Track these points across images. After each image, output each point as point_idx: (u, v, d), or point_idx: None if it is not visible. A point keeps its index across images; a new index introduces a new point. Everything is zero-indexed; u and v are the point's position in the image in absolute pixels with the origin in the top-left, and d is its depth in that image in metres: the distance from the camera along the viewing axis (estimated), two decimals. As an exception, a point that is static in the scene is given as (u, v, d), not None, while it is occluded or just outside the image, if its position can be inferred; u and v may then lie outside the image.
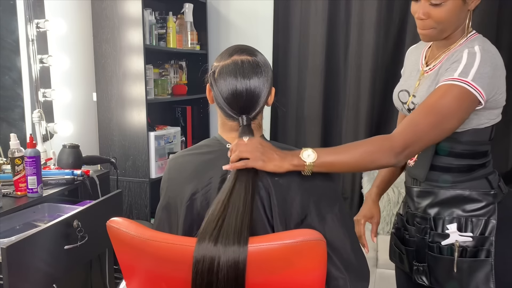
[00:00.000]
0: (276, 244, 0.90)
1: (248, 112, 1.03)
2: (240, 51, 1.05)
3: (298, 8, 2.90)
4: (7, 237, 1.39)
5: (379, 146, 1.07)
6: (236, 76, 1.01)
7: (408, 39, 2.73)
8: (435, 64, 1.23)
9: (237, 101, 1.02)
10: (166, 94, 2.81)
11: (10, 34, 2.08)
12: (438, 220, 1.24)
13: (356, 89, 2.85)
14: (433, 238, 1.24)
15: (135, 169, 2.54)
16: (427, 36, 1.19)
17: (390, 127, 2.89)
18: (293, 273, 0.94)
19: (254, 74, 1.02)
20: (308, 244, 0.91)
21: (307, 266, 0.93)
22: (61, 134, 2.32)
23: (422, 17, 1.15)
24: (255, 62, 1.03)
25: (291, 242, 0.91)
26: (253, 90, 1.01)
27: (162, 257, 0.96)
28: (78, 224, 1.47)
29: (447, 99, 1.08)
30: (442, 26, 1.15)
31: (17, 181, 1.65)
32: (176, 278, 0.98)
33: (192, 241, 0.93)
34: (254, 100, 1.02)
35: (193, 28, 2.93)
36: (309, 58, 2.90)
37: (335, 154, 1.05)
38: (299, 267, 0.93)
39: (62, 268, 1.46)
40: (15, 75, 2.11)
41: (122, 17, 2.43)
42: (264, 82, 1.03)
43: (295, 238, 0.91)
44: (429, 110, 1.09)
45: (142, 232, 0.97)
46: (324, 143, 2.96)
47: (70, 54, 2.39)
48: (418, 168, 1.28)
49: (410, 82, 1.32)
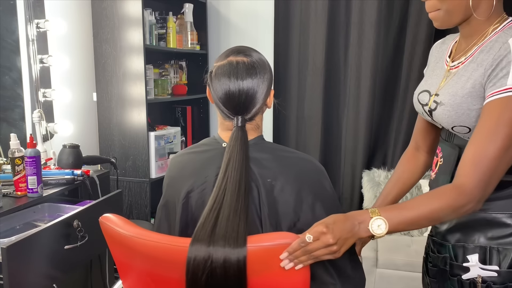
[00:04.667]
0: (255, 246, 0.89)
1: (243, 113, 1.03)
2: (237, 52, 1.05)
3: (298, 8, 2.90)
4: (7, 237, 1.39)
5: (453, 201, 0.92)
6: (229, 76, 1.01)
7: (408, 39, 2.73)
8: (466, 57, 1.04)
9: (231, 102, 1.02)
10: (166, 94, 2.81)
11: (10, 34, 2.08)
12: (458, 249, 1.05)
13: (356, 89, 2.85)
14: (453, 270, 1.05)
15: (135, 169, 2.54)
16: (436, 20, 1.05)
17: (390, 127, 2.89)
18: (272, 275, 0.93)
19: (248, 75, 1.02)
20: (283, 248, 0.89)
21: (282, 271, 0.91)
22: (61, 134, 2.32)
23: None
24: (250, 63, 1.03)
25: (268, 244, 0.90)
26: (246, 91, 1.02)
27: (150, 256, 0.97)
28: (78, 224, 1.47)
29: (508, 115, 0.90)
30: (447, 6, 1.00)
31: (17, 181, 1.65)
32: (166, 277, 0.98)
33: (179, 241, 0.93)
34: (248, 101, 1.02)
35: (193, 28, 2.93)
36: (309, 58, 2.90)
37: (406, 213, 0.93)
38: (278, 270, 0.91)
39: (62, 268, 1.46)
40: (15, 75, 2.11)
41: (122, 17, 2.43)
42: (259, 83, 1.03)
43: (273, 241, 0.90)
44: (493, 133, 0.91)
45: (129, 230, 0.98)
46: (324, 143, 2.96)
47: (70, 54, 2.39)
48: (438, 182, 1.10)
49: (432, 81, 1.15)
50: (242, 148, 1.00)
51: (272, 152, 1.05)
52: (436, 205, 0.93)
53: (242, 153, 0.99)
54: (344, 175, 2.96)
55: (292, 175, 1.01)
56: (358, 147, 2.90)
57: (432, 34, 2.67)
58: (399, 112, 2.83)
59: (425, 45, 2.67)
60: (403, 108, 2.81)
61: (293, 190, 1.00)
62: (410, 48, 2.73)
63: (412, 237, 2.59)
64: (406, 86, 2.78)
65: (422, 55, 2.69)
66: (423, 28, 2.66)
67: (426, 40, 2.67)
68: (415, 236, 2.60)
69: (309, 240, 0.87)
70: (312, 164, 1.07)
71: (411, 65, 2.74)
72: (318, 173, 1.06)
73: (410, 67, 2.74)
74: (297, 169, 1.03)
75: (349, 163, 2.94)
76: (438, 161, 1.13)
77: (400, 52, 2.78)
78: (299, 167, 1.04)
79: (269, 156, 1.04)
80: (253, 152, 1.03)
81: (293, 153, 1.08)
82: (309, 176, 1.04)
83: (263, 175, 1.00)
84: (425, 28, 2.66)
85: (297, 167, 1.04)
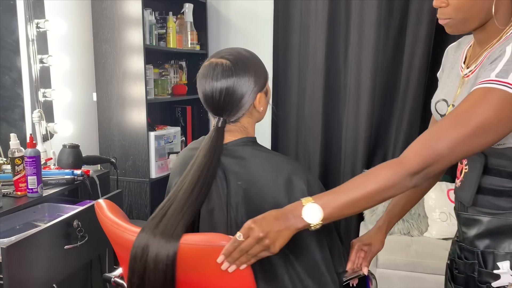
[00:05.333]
0: (188, 245, 0.91)
1: (223, 114, 1.04)
2: (220, 54, 1.06)
3: (298, 8, 2.90)
4: (7, 237, 1.39)
5: (390, 176, 0.89)
6: (206, 77, 1.03)
7: (408, 39, 2.73)
8: (476, 65, 1.00)
9: (208, 102, 1.05)
10: (166, 94, 2.81)
11: (10, 34, 2.08)
12: (488, 255, 1.01)
13: (356, 89, 2.85)
14: (482, 277, 1.01)
15: (135, 169, 2.54)
16: (449, 27, 0.99)
17: (390, 127, 2.89)
18: (207, 275, 0.94)
19: (223, 76, 1.02)
20: (218, 250, 0.89)
21: (220, 271, 0.90)
22: (61, 134, 2.32)
23: (439, 4, 0.96)
24: (227, 65, 1.03)
25: (201, 244, 0.91)
26: (219, 91, 1.02)
27: (117, 243, 1.04)
28: (78, 224, 1.47)
29: (482, 106, 0.86)
30: (463, 15, 0.95)
31: (17, 181, 1.65)
32: None
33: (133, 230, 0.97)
34: (225, 102, 1.02)
35: (193, 28, 2.93)
36: (309, 58, 2.90)
37: (341, 196, 0.90)
38: (212, 271, 0.92)
39: (62, 268, 1.46)
40: (15, 75, 2.11)
41: (122, 17, 2.43)
42: (238, 85, 1.02)
43: (206, 242, 0.91)
44: (459, 120, 0.87)
45: (107, 216, 1.04)
46: (325, 143, 2.96)
47: (70, 54, 2.39)
48: (464, 190, 1.06)
49: (448, 89, 1.09)
50: (210, 149, 1.01)
51: (248, 155, 1.04)
52: (373, 183, 0.89)
53: (209, 154, 1.01)
54: (344, 175, 2.96)
55: (263, 179, 1.00)
56: (358, 147, 2.90)
57: (432, 34, 2.67)
58: (399, 112, 2.83)
59: (425, 45, 2.67)
60: (403, 108, 2.81)
61: (261, 193, 0.99)
62: (410, 48, 2.73)
63: (412, 237, 2.59)
64: (406, 86, 2.78)
65: (422, 55, 2.69)
66: (423, 28, 2.66)
67: (426, 40, 2.67)
68: (415, 236, 2.60)
69: (239, 239, 0.86)
70: (287, 166, 1.02)
71: (411, 65, 2.74)
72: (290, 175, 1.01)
73: (410, 67, 2.74)
74: (268, 172, 1.02)
75: (349, 163, 2.94)
76: (463, 168, 1.08)
77: (400, 52, 2.78)
78: (270, 169, 1.02)
79: (244, 158, 1.03)
80: (231, 153, 1.04)
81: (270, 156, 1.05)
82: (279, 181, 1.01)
83: (235, 176, 1.01)
84: (425, 28, 2.66)
85: (269, 169, 1.02)
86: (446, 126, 0.88)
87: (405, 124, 2.80)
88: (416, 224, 2.62)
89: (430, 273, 2.31)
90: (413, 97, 2.76)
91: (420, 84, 2.74)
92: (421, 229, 2.61)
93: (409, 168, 0.88)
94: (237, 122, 1.07)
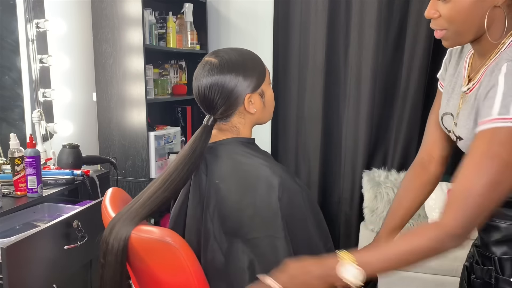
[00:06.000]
0: (139, 235, 0.95)
1: (211, 111, 1.07)
2: (215, 53, 1.08)
3: (298, 8, 2.90)
4: (7, 237, 1.39)
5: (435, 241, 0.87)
6: (196, 75, 1.08)
7: (408, 39, 2.73)
8: (474, 82, 0.96)
9: (197, 99, 1.09)
10: (166, 94, 2.81)
11: (10, 34, 2.08)
12: (505, 262, 0.98)
13: (356, 89, 2.85)
14: (498, 283, 0.99)
15: (135, 169, 2.54)
16: (445, 40, 0.96)
17: (390, 127, 2.89)
18: (149, 267, 1.00)
19: (209, 74, 1.04)
20: (154, 243, 0.94)
21: (159, 266, 0.97)
22: (61, 134, 2.32)
23: (430, 15, 0.94)
24: (215, 63, 1.04)
25: (147, 237, 0.95)
26: (204, 88, 1.05)
27: None
28: (78, 224, 1.47)
29: (494, 148, 0.83)
30: (456, 27, 0.92)
31: (17, 181, 1.65)
32: None
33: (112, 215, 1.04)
34: (211, 99, 1.05)
35: (193, 28, 2.93)
36: (309, 58, 2.90)
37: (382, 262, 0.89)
38: (152, 263, 0.98)
39: (62, 268, 1.46)
40: (15, 75, 2.11)
41: (122, 17, 2.43)
42: (224, 82, 1.03)
43: (151, 235, 0.95)
44: (479, 168, 0.85)
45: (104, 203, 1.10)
46: (324, 143, 2.96)
47: (70, 54, 2.39)
48: None
49: (453, 102, 1.05)
50: (191, 147, 1.03)
51: (224, 154, 1.06)
52: (416, 243, 0.88)
53: (189, 152, 1.02)
54: (344, 175, 2.96)
55: (237, 181, 1.02)
56: (358, 147, 2.89)
57: (432, 34, 2.66)
58: (399, 112, 2.83)
59: (425, 45, 2.67)
60: (403, 108, 2.81)
61: (237, 195, 1.01)
62: (410, 48, 2.73)
63: (412, 237, 2.59)
64: (406, 86, 2.78)
65: (422, 55, 2.69)
66: (423, 28, 2.66)
67: (426, 40, 2.67)
68: (415, 236, 2.59)
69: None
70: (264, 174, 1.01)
71: (411, 65, 2.74)
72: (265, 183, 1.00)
73: (410, 67, 2.74)
74: (244, 175, 1.02)
75: (349, 163, 2.94)
76: None
77: (400, 52, 2.78)
78: (247, 174, 1.02)
79: (220, 157, 1.05)
80: (213, 151, 1.07)
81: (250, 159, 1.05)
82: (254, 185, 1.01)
83: (211, 174, 1.04)
84: (425, 28, 2.66)
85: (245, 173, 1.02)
86: (469, 180, 0.86)
87: (405, 124, 2.80)
88: (416, 224, 2.62)
89: (430, 273, 2.31)
90: (413, 97, 2.76)
91: (420, 84, 2.73)
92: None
93: (453, 233, 0.86)
94: (227, 121, 1.08)
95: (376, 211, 2.66)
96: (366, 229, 2.71)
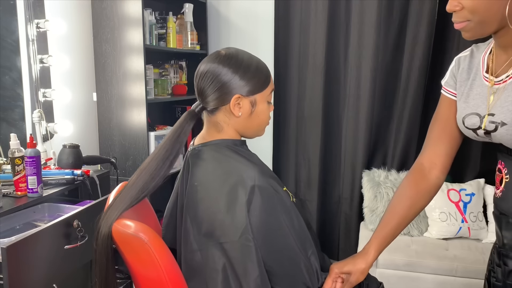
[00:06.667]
0: (116, 228, 1.00)
1: (200, 97, 1.08)
2: (227, 48, 1.11)
3: (298, 8, 2.90)
4: (7, 237, 1.39)
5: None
6: (202, 61, 1.09)
7: (408, 39, 2.73)
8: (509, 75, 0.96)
9: (194, 82, 1.09)
10: (166, 94, 2.81)
11: (10, 34, 2.08)
12: None
13: (356, 89, 2.85)
14: None
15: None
16: (466, 31, 0.94)
17: (390, 127, 2.89)
18: (126, 259, 1.05)
19: (210, 62, 1.06)
20: (129, 237, 0.98)
21: (133, 259, 1.01)
22: (61, 134, 2.32)
23: (453, 8, 0.93)
24: (221, 54, 1.07)
25: (121, 230, 0.99)
26: (201, 72, 1.07)
27: None
28: (78, 224, 1.47)
29: None
30: (480, 17, 0.91)
31: (17, 181, 1.65)
32: None
33: None
34: (204, 84, 1.06)
35: (193, 28, 2.93)
36: (309, 58, 2.90)
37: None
38: (128, 256, 1.03)
39: (62, 268, 1.46)
40: (15, 75, 2.11)
41: (122, 17, 2.43)
42: (218, 72, 1.04)
43: (127, 229, 0.98)
44: None
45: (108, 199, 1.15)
46: (324, 143, 2.96)
47: (70, 54, 2.39)
48: (509, 201, 1.00)
49: (475, 102, 1.03)
50: (170, 139, 1.04)
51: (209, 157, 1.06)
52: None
53: (167, 144, 1.04)
54: (344, 175, 2.96)
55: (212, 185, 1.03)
56: (358, 147, 2.90)
57: (432, 34, 2.67)
58: (399, 112, 2.83)
59: (425, 45, 2.67)
60: (403, 108, 2.81)
61: (211, 199, 1.02)
62: (410, 48, 2.73)
63: (412, 237, 2.59)
64: (406, 86, 2.78)
65: (422, 55, 2.69)
66: (423, 28, 2.66)
67: (426, 40, 2.67)
68: (415, 236, 2.59)
69: None
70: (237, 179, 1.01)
71: (411, 65, 2.74)
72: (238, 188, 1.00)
73: (410, 67, 2.74)
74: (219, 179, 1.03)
75: (349, 163, 2.94)
76: (503, 177, 1.02)
77: (400, 52, 2.78)
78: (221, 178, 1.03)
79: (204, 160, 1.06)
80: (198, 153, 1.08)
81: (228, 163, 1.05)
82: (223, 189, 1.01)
83: (193, 176, 1.05)
84: (425, 28, 2.66)
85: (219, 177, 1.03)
86: None
87: (405, 124, 2.80)
88: (416, 224, 2.62)
89: (430, 273, 2.31)
90: (413, 97, 2.76)
91: (420, 84, 2.73)
92: (421, 229, 2.61)
93: None
94: (213, 114, 1.08)
95: (376, 211, 2.66)
96: (366, 229, 2.71)
